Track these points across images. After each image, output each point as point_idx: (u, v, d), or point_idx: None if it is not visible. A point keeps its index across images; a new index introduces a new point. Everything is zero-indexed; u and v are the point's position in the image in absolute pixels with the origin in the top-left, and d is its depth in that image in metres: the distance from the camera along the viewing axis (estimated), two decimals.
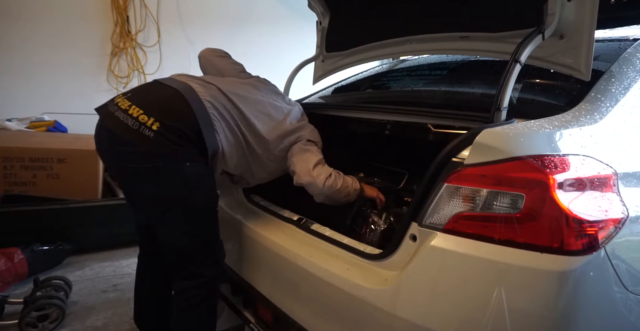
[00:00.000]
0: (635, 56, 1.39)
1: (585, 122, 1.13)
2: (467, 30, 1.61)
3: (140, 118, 1.43)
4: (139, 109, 1.45)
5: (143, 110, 1.45)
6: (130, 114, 1.45)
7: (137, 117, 1.43)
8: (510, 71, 1.19)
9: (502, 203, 1.01)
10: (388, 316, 1.12)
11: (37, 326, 2.13)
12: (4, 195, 2.87)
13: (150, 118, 1.42)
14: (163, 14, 4.54)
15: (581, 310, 0.97)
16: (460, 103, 1.68)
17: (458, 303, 1.02)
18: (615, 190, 1.05)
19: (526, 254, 0.96)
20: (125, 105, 1.49)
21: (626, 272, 1.03)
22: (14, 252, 2.54)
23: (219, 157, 1.52)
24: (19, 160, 2.87)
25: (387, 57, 2.18)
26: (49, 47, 3.99)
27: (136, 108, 1.46)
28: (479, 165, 1.04)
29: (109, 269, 2.89)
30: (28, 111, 3.79)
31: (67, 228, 2.93)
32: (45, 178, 2.93)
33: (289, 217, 1.65)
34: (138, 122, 1.43)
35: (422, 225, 1.11)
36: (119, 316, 2.32)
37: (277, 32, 5.18)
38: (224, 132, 1.52)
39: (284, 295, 1.50)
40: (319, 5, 2.04)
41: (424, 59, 2.40)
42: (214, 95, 1.54)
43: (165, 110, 1.47)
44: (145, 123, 1.42)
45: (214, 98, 1.53)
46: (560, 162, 1.00)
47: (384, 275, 1.19)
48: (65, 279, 2.46)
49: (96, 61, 4.24)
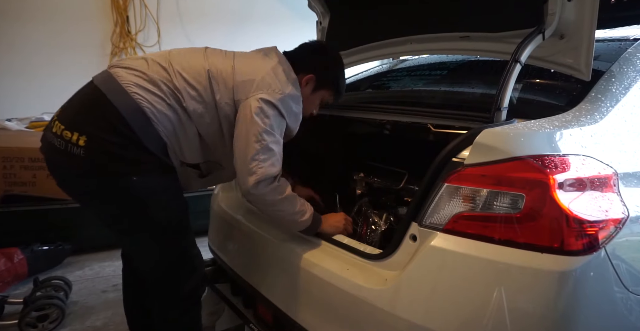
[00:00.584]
0: (636, 56, 1.39)
1: (585, 122, 1.12)
2: (467, 30, 1.60)
3: (64, 135, 1.25)
4: (60, 124, 1.28)
5: (64, 125, 1.27)
6: (55, 132, 1.28)
7: (62, 135, 1.26)
8: (510, 71, 1.19)
9: (502, 203, 1.01)
10: (388, 316, 1.12)
11: (37, 326, 2.13)
12: (4, 195, 2.87)
13: (74, 133, 1.24)
14: (163, 14, 4.54)
15: (581, 310, 0.97)
16: (461, 103, 1.68)
17: (458, 303, 1.02)
18: (615, 190, 1.05)
19: (526, 254, 0.96)
20: (53, 121, 1.34)
21: (626, 272, 1.03)
22: (14, 252, 2.53)
23: (170, 148, 1.35)
24: (19, 160, 2.87)
25: (387, 57, 2.18)
26: (49, 47, 3.99)
27: (58, 124, 1.28)
28: (479, 165, 1.03)
29: (109, 269, 2.89)
30: (28, 111, 3.79)
31: (67, 228, 2.93)
32: (45, 178, 2.92)
33: None
34: (63, 140, 1.25)
35: (422, 225, 1.11)
36: (119, 316, 2.31)
37: (277, 32, 5.17)
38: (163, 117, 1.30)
39: (284, 295, 1.50)
40: (319, 5, 2.04)
41: (424, 59, 2.40)
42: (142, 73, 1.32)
43: (85, 117, 1.28)
44: (70, 140, 1.24)
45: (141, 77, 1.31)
46: (561, 162, 1.00)
47: (384, 275, 1.19)
48: (65, 279, 2.45)
49: (96, 61, 4.23)
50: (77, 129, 1.25)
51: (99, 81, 1.34)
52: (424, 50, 1.96)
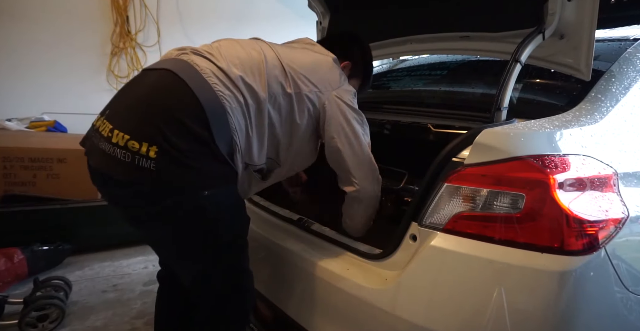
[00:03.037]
0: (636, 56, 1.39)
1: (585, 122, 1.12)
2: (467, 30, 1.61)
3: (129, 145, 1.06)
4: (122, 133, 1.08)
5: (128, 133, 1.08)
6: (116, 143, 1.08)
7: (126, 145, 1.07)
8: (510, 71, 1.19)
9: (502, 203, 1.01)
10: (388, 316, 1.12)
11: (37, 326, 2.13)
12: (4, 195, 2.86)
13: (143, 143, 1.06)
14: (163, 14, 4.54)
15: (581, 310, 0.97)
16: (460, 103, 1.68)
17: (458, 303, 1.02)
18: (615, 190, 1.05)
19: (526, 254, 0.96)
20: (106, 129, 1.12)
21: (626, 272, 1.03)
22: (14, 252, 2.53)
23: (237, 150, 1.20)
24: (19, 160, 2.87)
25: (387, 57, 2.18)
26: (49, 47, 3.99)
27: (119, 133, 1.09)
28: (479, 165, 1.03)
29: (109, 269, 2.89)
30: (28, 111, 3.79)
31: (67, 228, 2.93)
32: (45, 178, 2.92)
33: (289, 217, 1.65)
34: (129, 151, 1.07)
35: (422, 225, 1.11)
36: (119, 316, 2.31)
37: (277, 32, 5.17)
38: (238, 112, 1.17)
39: (283, 295, 1.50)
40: (319, 5, 2.04)
41: (424, 59, 2.40)
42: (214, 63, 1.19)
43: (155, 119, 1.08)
44: (139, 151, 1.06)
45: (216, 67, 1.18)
46: (561, 161, 1.00)
47: (384, 275, 1.19)
48: (65, 279, 2.45)
49: (96, 61, 4.23)
50: (146, 138, 1.06)
51: (176, 68, 1.16)
52: (424, 50, 1.96)
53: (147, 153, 1.06)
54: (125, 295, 2.55)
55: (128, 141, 1.07)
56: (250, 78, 1.22)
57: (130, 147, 1.07)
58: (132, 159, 1.07)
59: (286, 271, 1.48)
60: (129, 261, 2.99)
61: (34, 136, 3.34)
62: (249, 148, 1.24)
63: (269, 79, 1.25)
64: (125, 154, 1.07)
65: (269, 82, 1.24)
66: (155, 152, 1.06)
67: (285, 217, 1.66)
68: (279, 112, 1.28)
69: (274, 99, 1.26)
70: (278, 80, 1.27)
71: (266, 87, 1.23)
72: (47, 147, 2.96)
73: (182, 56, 1.22)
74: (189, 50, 1.26)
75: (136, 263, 2.96)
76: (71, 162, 2.95)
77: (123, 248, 3.17)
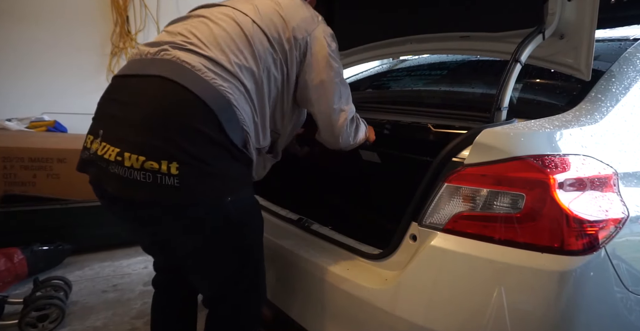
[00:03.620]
0: (636, 56, 1.39)
1: (585, 122, 1.12)
2: (467, 30, 1.61)
3: (147, 166, 1.00)
4: (136, 155, 1.01)
5: (143, 155, 1.00)
6: (131, 166, 1.01)
7: (143, 167, 1.00)
8: (510, 71, 1.19)
9: (502, 203, 1.01)
10: (388, 316, 1.12)
11: (37, 326, 2.13)
12: (4, 195, 2.86)
13: (162, 162, 0.99)
14: (163, 14, 4.54)
15: (581, 310, 0.97)
16: (461, 103, 1.68)
17: (458, 303, 1.02)
18: (615, 190, 1.05)
19: (526, 254, 0.96)
20: (112, 154, 1.03)
21: (626, 272, 1.03)
22: (14, 252, 2.53)
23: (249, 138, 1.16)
24: (19, 160, 2.87)
25: (387, 57, 2.18)
26: (48, 47, 3.98)
27: (132, 156, 1.01)
28: (479, 165, 1.03)
29: (109, 269, 2.89)
30: (28, 111, 3.79)
31: (67, 228, 2.93)
32: (45, 178, 2.92)
33: (289, 217, 1.65)
34: (148, 172, 1.00)
35: (422, 224, 1.11)
36: (119, 316, 2.31)
37: None
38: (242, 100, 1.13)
39: (283, 295, 1.50)
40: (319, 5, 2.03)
41: (424, 59, 2.40)
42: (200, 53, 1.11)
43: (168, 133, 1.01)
44: (159, 170, 1.00)
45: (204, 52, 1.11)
46: (561, 161, 1.00)
47: (384, 275, 1.19)
48: (65, 279, 2.45)
49: (96, 61, 4.23)
50: (164, 155, 1.00)
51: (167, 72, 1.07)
52: (424, 50, 1.96)
53: (168, 170, 1.00)
54: (125, 295, 2.55)
55: (144, 163, 1.00)
56: (241, 58, 1.14)
57: (149, 168, 1.00)
58: (153, 179, 1.00)
59: (286, 271, 1.48)
60: (129, 261, 2.99)
61: (34, 136, 3.34)
62: (257, 132, 1.20)
63: (257, 50, 1.17)
64: (146, 175, 1.01)
65: (258, 54, 1.17)
66: (176, 168, 1.00)
67: (285, 217, 1.66)
68: (275, 81, 1.23)
69: (268, 70, 1.20)
70: (264, 46, 1.18)
71: (258, 60, 1.17)
72: (47, 147, 2.96)
73: (164, 55, 1.11)
74: (166, 45, 1.13)
75: (136, 263, 2.96)
76: (71, 162, 2.95)
77: (123, 248, 3.17)
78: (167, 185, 1.00)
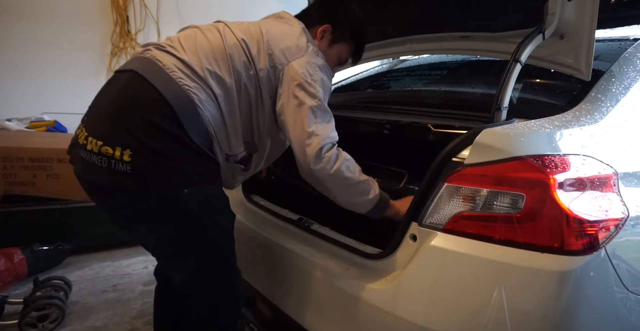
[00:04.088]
0: (636, 56, 1.39)
1: (585, 122, 1.12)
2: (467, 30, 1.61)
3: (103, 151, 1.08)
4: (95, 140, 1.10)
5: (101, 140, 1.09)
6: (91, 150, 1.11)
7: (100, 151, 1.09)
8: (510, 71, 1.19)
9: (502, 203, 1.01)
10: (388, 316, 1.12)
11: (37, 326, 2.13)
12: (4, 195, 2.87)
13: (116, 148, 1.07)
14: (163, 14, 4.54)
15: (581, 309, 0.97)
16: (461, 103, 1.68)
17: (458, 303, 1.02)
18: (615, 190, 1.05)
19: (526, 254, 0.96)
20: (82, 137, 1.15)
21: (626, 272, 1.03)
22: (14, 252, 2.53)
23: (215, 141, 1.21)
24: (19, 160, 2.87)
25: (387, 57, 2.18)
26: (48, 47, 3.99)
27: (93, 140, 1.11)
28: (479, 165, 1.03)
29: (109, 269, 2.89)
30: (28, 111, 3.79)
31: (67, 228, 2.93)
32: (45, 178, 2.92)
33: (289, 217, 1.65)
34: (104, 156, 1.09)
35: (422, 224, 1.11)
36: (119, 316, 2.32)
37: None
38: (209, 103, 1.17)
39: (283, 295, 1.50)
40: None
41: (424, 59, 2.40)
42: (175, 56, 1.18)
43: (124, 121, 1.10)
44: (113, 155, 1.08)
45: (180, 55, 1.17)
46: (561, 161, 1.00)
47: (384, 275, 1.19)
48: (65, 279, 2.45)
49: (96, 61, 4.23)
50: (119, 142, 1.08)
51: (140, 68, 1.16)
52: (424, 50, 1.96)
53: (121, 157, 1.07)
54: (125, 295, 2.55)
55: (101, 147, 1.09)
56: (214, 66, 1.20)
57: (105, 153, 1.09)
58: (108, 164, 1.09)
59: (286, 271, 1.48)
60: (129, 261, 2.99)
61: (34, 136, 3.34)
62: (226, 136, 1.24)
63: (233, 63, 1.22)
64: (101, 160, 1.09)
65: (233, 66, 1.22)
66: (129, 155, 1.07)
67: (285, 217, 1.66)
68: (247, 95, 1.26)
69: (240, 83, 1.24)
70: (242, 62, 1.23)
71: (231, 72, 1.21)
72: (47, 147, 2.96)
73: (146, 53, 1.21)
74: (152, 46, 1.24)
75: (136, 263, 2.97)
76: None
77: (123, 248, 3.17)
78: (120, 171, 1.08)
